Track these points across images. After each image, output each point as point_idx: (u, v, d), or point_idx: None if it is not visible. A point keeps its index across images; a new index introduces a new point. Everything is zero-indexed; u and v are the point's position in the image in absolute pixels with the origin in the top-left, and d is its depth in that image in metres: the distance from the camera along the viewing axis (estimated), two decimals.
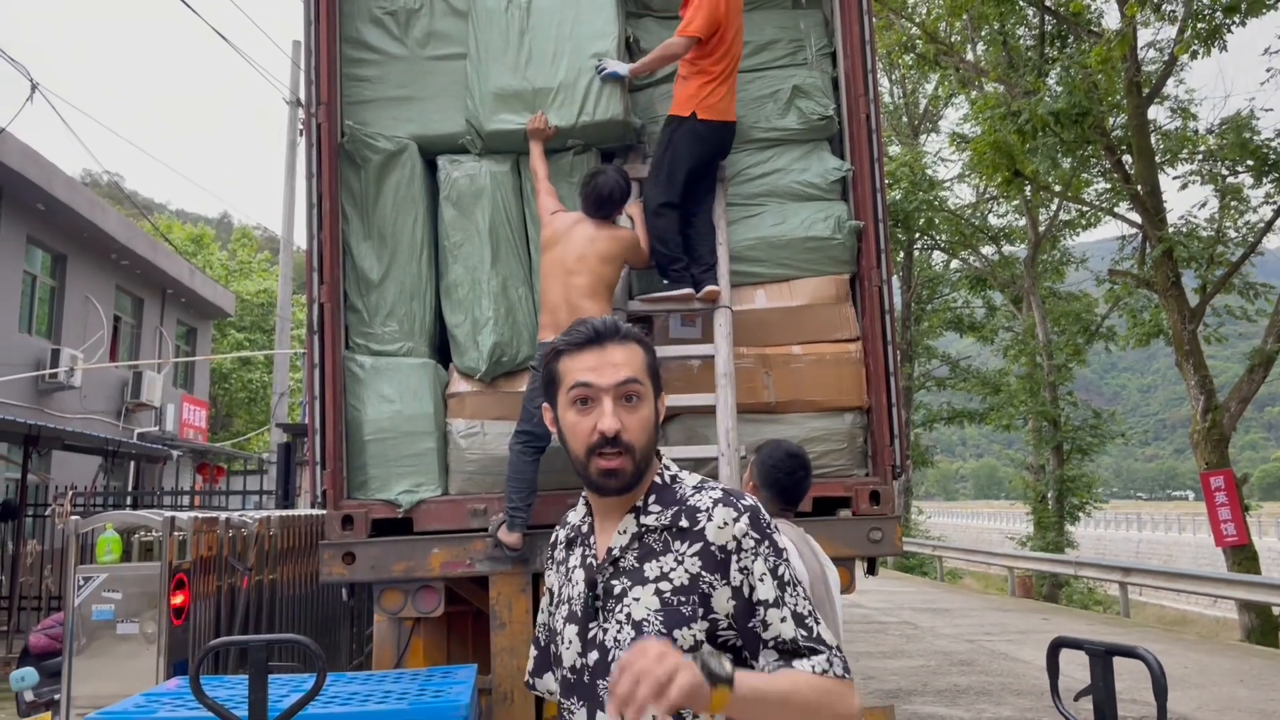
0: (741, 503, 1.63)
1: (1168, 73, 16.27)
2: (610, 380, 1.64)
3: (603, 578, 1.65)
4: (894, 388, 4.72)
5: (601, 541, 1.71)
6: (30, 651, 6.16)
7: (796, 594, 1.61)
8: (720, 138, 4.72)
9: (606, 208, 4.53)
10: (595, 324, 1.70)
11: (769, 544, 1.61)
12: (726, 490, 1.66)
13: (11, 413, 13.65)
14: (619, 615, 1.61)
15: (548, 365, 1.72)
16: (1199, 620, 18.93)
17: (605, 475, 1.62)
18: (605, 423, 1.61)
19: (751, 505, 1.64)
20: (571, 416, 1.66)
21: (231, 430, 32.54)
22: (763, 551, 1.60)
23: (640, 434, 1.64)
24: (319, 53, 4.72)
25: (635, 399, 1.65)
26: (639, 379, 1.66)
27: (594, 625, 1.65)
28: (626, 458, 1.61)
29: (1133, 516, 47.40)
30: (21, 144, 14.68)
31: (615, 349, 1.67)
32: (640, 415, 1.65)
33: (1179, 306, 14.93)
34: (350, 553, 4.41)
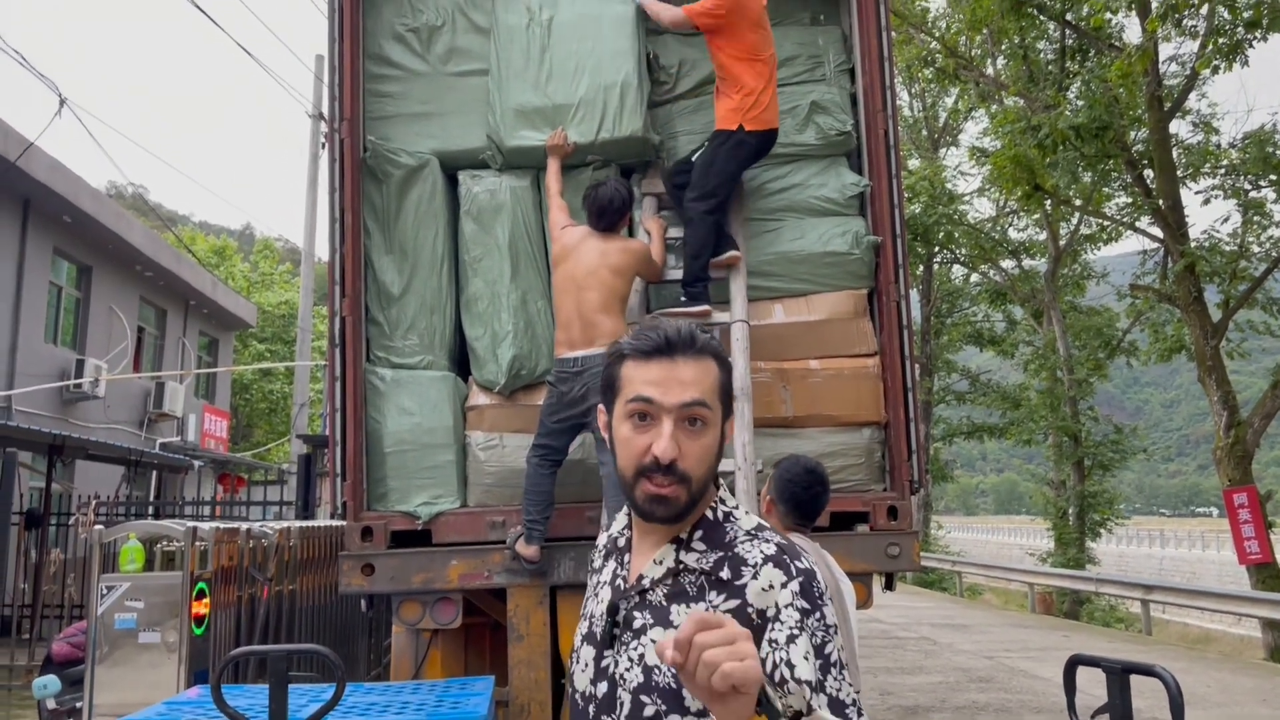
0: (795, 564, 1.44)
1: (1189, 87, 16.21)
2: (675, 400, 1.45)
3: (626, 605, 1.49)
4: (912, 403, 4.73)
5: (636, 563, 1.54)
6: (53, 659, 6.21)
7: (841, 678, 1.40)
8: (765, 145, 4.76)
9: (609, 217, 4.56)
10: (669, 330, 1.50)
11: (818, 616, 1.41)
12: (781, 546, 1.47)
13: (36, 422, 13.80)
14: (632, 652, 1.45)
15: (609, 367, 1.54)
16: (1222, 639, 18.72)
17: (653, 501, 1.45)
18: (661, 446, 1.43)
19: (806, 569, 1.44)
20: (626, 430, 1.48)
21: (252, 441, 32.75)
22: (809, 625, 1.40)
23: (699, 463, 1.45)
24: (343, 69, 4.79)
25: (699, 423, 1.46)
26: (707, 402, 1.46)
27: (609, 654, 1.49)
28: (680, 487, 1.44)
29: (1155, 533, 46.94)
30: (49, 157, 14.88)
31: (686, 364, 1.47)
32: (702, 442, 1.46)
33: (1201, 322, 14.83)
34: (370, 564, 4.45)
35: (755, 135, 4.66)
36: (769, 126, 4.70)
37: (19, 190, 14.60)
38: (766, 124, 4.68)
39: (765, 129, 4.68)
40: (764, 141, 4.72)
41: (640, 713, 1.42)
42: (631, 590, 1.51)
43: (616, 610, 1.50)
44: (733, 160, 4.69)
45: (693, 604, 1.43)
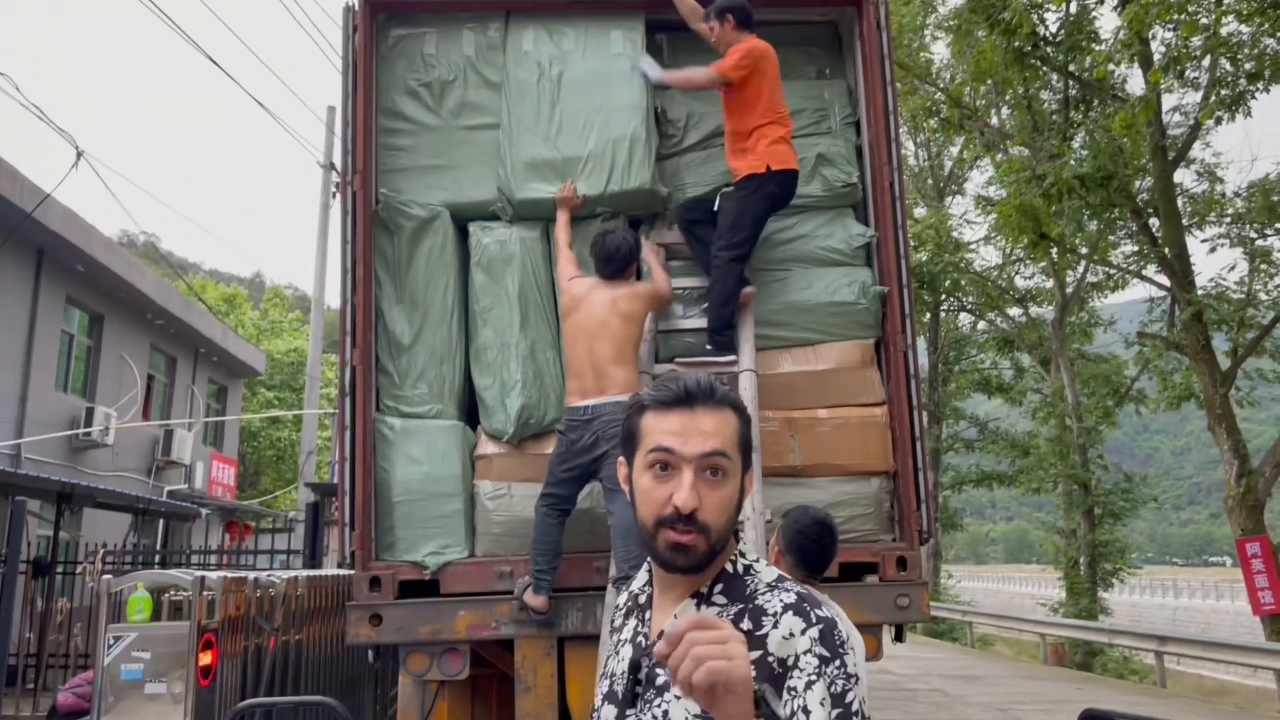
0: (815, 612, 1.43)
1: (1193, 137, 16.33)
2: (695, 450, 1.45)
3: (648, 662, 1.47)
4: (920, 452, 4.73)
5: (657, 619, 1.53)
6: (58, 710, 6.19)
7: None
8: (789, 186, 4.82)
9: (615, 263, 4.61)
10: (688, 382, 1.51)
11: (838, 665, 1.39)
12: (801, 595, 1.46)
13: (46, 470, 13.82)
14: (656, 709, 1.43)
15: (629, 419, 1.55)
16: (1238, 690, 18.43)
17: (673, 550, 1.44)
18: (681, 497, 1.43)
19: (826, 618, 1.43)
20: (646, 482, 1.48)
21: (259, 488, 32.71)
22: (828, 673, 1.38)
23: (719, 514, 1.45)
24: (356, 122, 4.87)
25: (720, 474, 1.46)
26: (726, 452, 1.47)
27: (631, 712, 1.47)
28: (700, 536, 1.44)
29: (1168, 583, 46.44)
30: (64, 207, 15.05)
31: (706, 415, 1.48)
32: (722, 493, 1.47)
33: (1210, 370, 14.79)
34: (377, 614, 4.43)
35: (780, 175, 4.72)
36: (790, 167, 4.77)
37: (33, 240, 14.76)
38: (788, 163, 4.76)
39: (788, 169, 4.75)
40: (788, 182, 4.78)
41: None
42: (652, 647, 1.46)
43: (639, 667, 1.48)
44: (764, 205, 4.75)
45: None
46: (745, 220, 4.74)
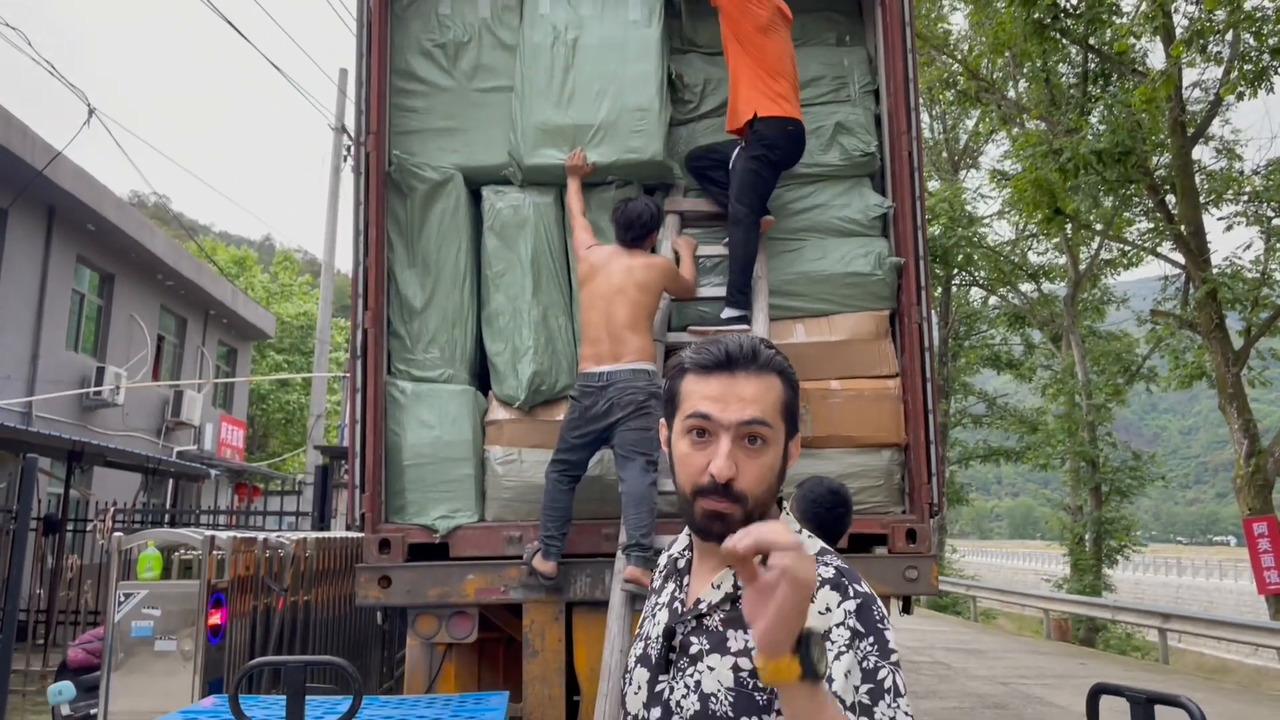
0: (854, 587, 1.38)
1: (1213, 113, 16.14)
2: (733, 417, 1.40)
3: (683, 630, 1.45)
4: (932, 425, 4.71)
5: (695, 586, 1.50)
6: (68, 666, 6.23)
7: (895, 706, 1.32)
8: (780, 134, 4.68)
9: (636, 230, 4.58)
10: (730, 345, 1.46)
11: (871, 640, 1.34)
12: (841, 570, 1.41)
13: (56, 428, 13.88)
14: (688, 679, 1.41)
15: (670, 381, 1.50)
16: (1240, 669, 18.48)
17: (709, 518, 1.40)
18: (717, 465, 1.38)
19: (865, 594, 1.38)
20: (684, 448, 1.44)
21: (268, 451, 32.86)
22: (860, 648, 1.34)
23: (757, 483, 1.40)
24: (370, 83, 4.81)
25: (759, 442, 1.41)
26: (767, 420, 1.41)
27: (664, 679, 1.45)
28: (736, 505, 1.38)
29: (1172, 561, 46.49)
30: (75, 166, 15.03)
31: (747, 380, 1.43)
32: (761, 461, 1.41)
33: (1222, 349, 14.72)
34: (386, 576, 4.44)
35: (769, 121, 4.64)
36: (777, 114, 4.65)
37: (44, 198, 14.74)
38: (775, 111, 4.64)
39: (775, 115, 4.64)
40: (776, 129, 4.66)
41: None
42: (688, 614, 1.47)
43: (673, 634, 1.46)
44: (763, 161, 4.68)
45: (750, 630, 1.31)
46: (748, 179, 4.70)
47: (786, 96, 4.70)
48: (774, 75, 4.70)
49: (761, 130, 4.65)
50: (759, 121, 4.65)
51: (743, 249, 4.70)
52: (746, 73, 4.73)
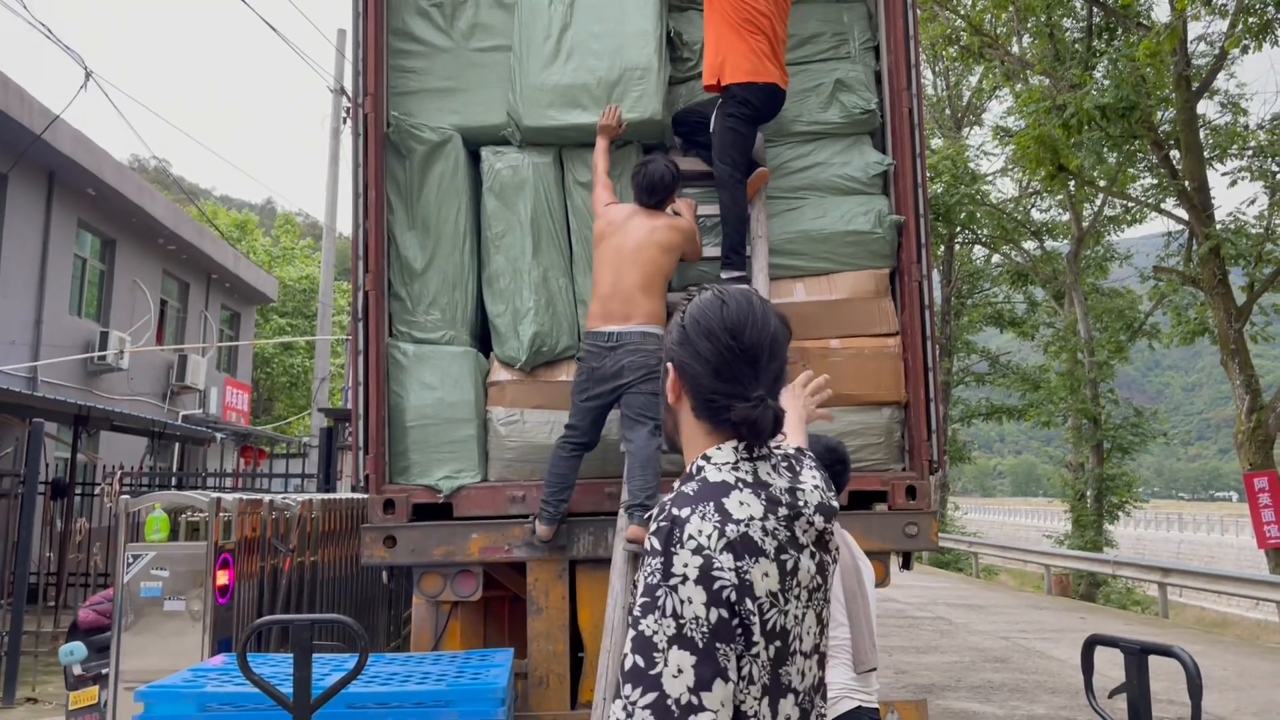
0: (672, 510, 1.47)
1: (1218, 67, 16.00)
2: None
3: None
4: (932, 383, 4.73)
5: None
6: (79, 626, 6.30)
7: (659, 625, 1.38)
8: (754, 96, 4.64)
9: (659, 193, 4.55)
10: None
11: (659, 563, 1.42)
12: (685, 494, 1.50)
13: (62, 393, 13.95)
14: None
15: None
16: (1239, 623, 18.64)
17: None
18: None
19: (675, 516, 1.45)
20: None
21: (273, 414, 32.99)
22: (648, 563, 1.44)
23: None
24: (367, 44, 4.79)
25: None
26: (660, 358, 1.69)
27: None
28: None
29: (1174, 516, 46.71)
30: (74, 130, 14.95)
31: None
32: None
33: (1225, 304, 14.70)
34: (391, 536, 4.49)
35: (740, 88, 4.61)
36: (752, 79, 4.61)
37: (44, 163, 14.69)
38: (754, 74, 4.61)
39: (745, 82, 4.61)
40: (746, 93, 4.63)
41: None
42: None
43: None
44: (737, 121, 4.65)
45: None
46: (726, 138, 4.68)
47: (760, 53, 4.61)
48: (748, 30, 4.60)
49: (734, 89, 4.62)
50: (733, 86, 4.62)
51: (732, 208, 4.69)
52: (717, 27, 4.68)
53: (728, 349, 1.54)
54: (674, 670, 1.35)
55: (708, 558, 1.40)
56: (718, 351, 1.55)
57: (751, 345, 1.55)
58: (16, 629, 7.88)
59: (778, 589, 1.45)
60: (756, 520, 1.46)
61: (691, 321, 1.58)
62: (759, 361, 1.56)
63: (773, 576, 1.44)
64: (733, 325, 1.55)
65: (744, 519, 1.45)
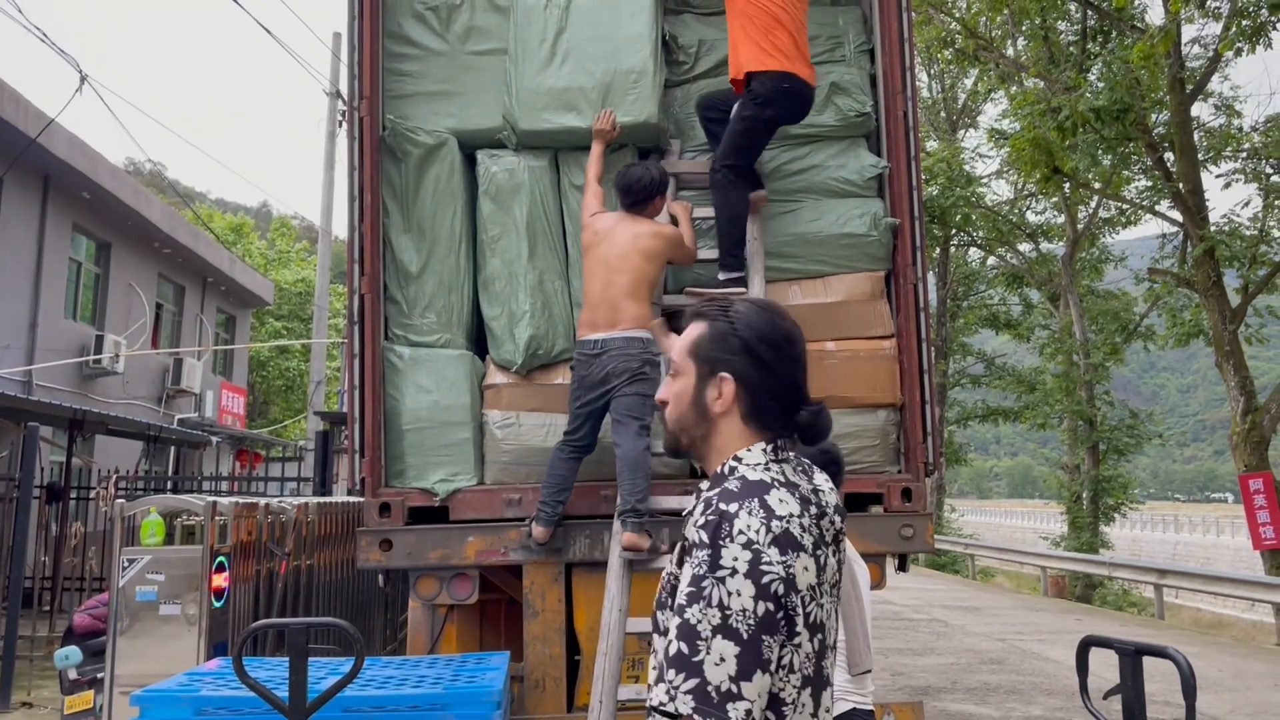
0: (721, 505, 1.53)
1: (1212, 69, 16.05)
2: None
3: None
4: (928, 385, 4.74)
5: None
6: (74, 631, 6.29)
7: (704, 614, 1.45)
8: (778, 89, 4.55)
9: (636, 195, 4.54)
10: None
11: (708, 554, 1.48)
12: (728, 491, 1.56)
13: (57, 397, 13.92)
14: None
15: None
16: (1235, 624, 18.68)
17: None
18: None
19: (724, 511, 1.52)
20: None
21: (269, 418, 32.92)
22: (697, 557, 1.50)
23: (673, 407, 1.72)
24: (362, 47, 4.80)
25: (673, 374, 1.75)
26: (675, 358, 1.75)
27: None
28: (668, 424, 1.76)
29: (1169, 518, 46.76)
30: (69, 133, 14.93)
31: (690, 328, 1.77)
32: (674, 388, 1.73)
33: (1220, 306, 14.74)
34: (387, 539, 4.49)
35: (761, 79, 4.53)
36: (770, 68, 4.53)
37: (39, 166, 14.67)
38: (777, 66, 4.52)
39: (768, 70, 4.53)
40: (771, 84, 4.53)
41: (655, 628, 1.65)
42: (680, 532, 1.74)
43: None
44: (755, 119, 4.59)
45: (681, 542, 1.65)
46: (733, 140, 4.64)
47: (784, 50, 4.54)
48: (772, 26, 4.55)
49: (755, 87, 4.55)
50: (753, 77, 4.56)
51: (725, 210, 4.68)
52: (740, 21, 4.62)
53: (790, 359, 1.67)
54: (716, 659, 1.42)
55: (756, 552, 1.47)
56: (782, 360, 1.67)
57: (802, 353, 1.70)
58: (11, 633, 7.86)
59: (815, 583, 1.52)
60: (795, 517, 1.53)
61: (751, 333, 1.66)
62: (807, 368, 1.71)
63: (811, 571, 1.52)
64: (791, 335, 1.69)
65: (785, 515, 1.52)
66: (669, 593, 1.58)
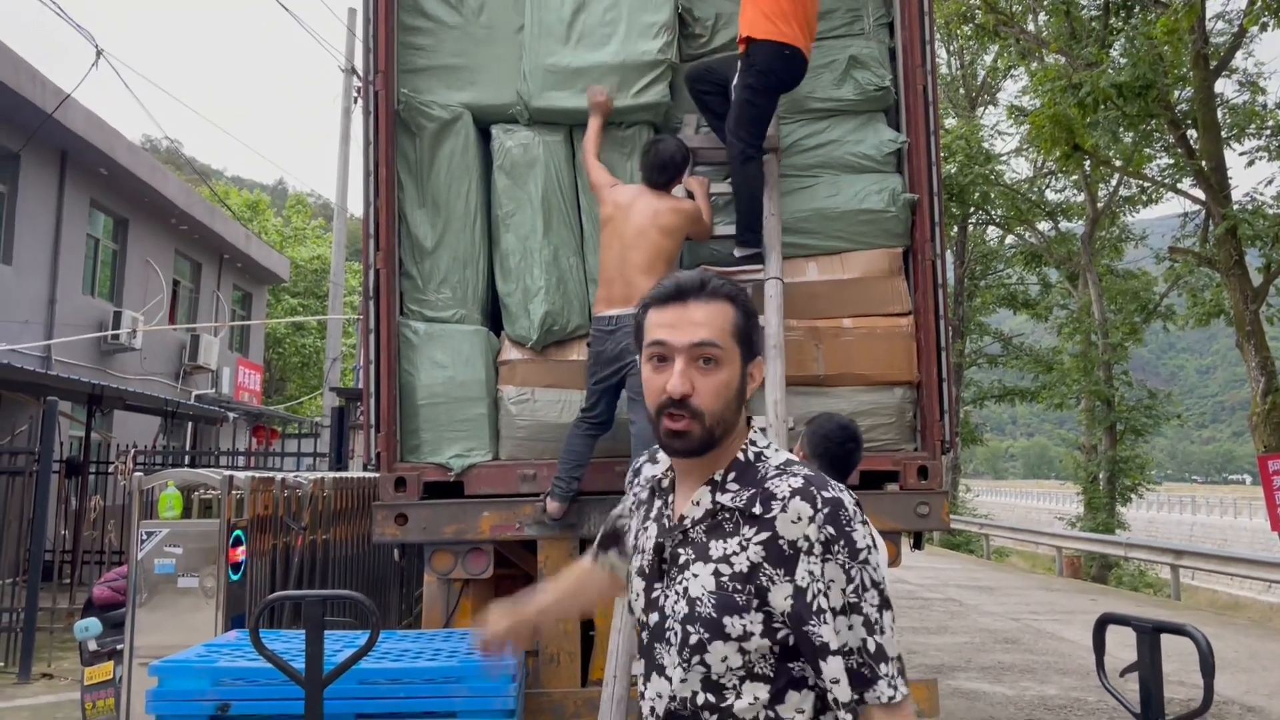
0: (822, 494, 1.51)
1: (1236, 45, 15.83)
2: (685, 340, 1.55)
3: (670, 543, 1.61)
4: (945, 363, 4.71)
5: (679, 504, 1.65)
6: (94, 603, 6.34)
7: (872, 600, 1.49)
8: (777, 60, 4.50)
9: (668, 172, 4.54)
10: (681, 278, 1.62)
11: (843, 544, 1.48)
12: (809, 478, 1.54)
13: (75, 372, 14.02)
14: (678, 586, 1.57)
15: (638, 318, 1.67)
16: (1252, 605, 18.60)
17: (670, 436, 1.56)
18: (672, 383, 1.53)
19: (833, 499, 1.51)
20: (647, 373, 1.60)
21: (285, 394, 33.07)
22: (836, 553, 1.48)
23: (713, 399, 1.54)
24: (377, 21, 4.77)
25: (711, 362, 1.55)
26: (717, 341, 1.55)
27: (658, 586, 1.62)
28: (693, 422, 1.53)
29: (1186, 499, 46.58)
30: (86, 109, 14.95)
31: (698, 306, 1.57)
32: (715, 379, 1.55)
33: (1241, 286, 14.59)
34: (403, 514, 4.50)
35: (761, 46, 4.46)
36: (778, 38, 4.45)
37: (56, 142, 14.70)
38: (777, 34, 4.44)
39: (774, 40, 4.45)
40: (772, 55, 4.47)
41: (687, 641, 1.53)
42: (675, 530, 1.62)
43: (663, 549, 1.62)
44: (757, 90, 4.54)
45: (729, 539, 1.54)
46: (741, 110, 4.58)
47: (786, 16, 4.46)
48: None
49: (755, 55, 4.50)
50: (753, 44, 4.50)
51: (744, 185, 4.63)
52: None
53: None
54: (892, 633, 1.51)
55: (865, 523, 1.54)
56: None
57: None
58: (32, 606, 7.94)
59: None
60: None
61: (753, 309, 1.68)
62: None
63: None
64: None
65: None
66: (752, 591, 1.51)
